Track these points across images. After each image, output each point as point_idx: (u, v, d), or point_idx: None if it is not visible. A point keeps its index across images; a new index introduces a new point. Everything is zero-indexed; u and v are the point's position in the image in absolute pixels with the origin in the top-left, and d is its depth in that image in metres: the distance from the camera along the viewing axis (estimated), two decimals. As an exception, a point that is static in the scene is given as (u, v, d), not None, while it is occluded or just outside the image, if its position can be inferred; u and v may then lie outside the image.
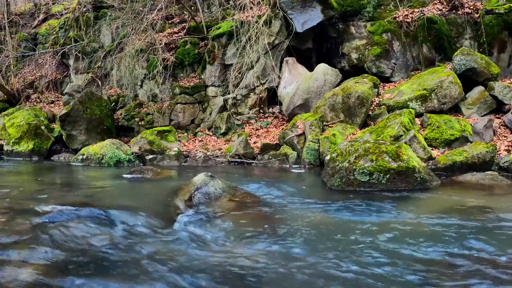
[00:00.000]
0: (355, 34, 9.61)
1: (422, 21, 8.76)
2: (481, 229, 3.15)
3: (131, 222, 3.24)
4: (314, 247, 2.81)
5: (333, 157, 5.18)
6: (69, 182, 5.89)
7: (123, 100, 10.88)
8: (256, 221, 3.47)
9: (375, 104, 8.10)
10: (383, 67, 9.16)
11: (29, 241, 2.68)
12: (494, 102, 7.39)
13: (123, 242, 2.83)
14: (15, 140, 9.65)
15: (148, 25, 10.46)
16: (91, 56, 12.08)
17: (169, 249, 2.77)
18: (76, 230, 2.95)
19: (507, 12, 8.28)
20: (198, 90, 10.15)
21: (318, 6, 9.22)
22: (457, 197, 4.30)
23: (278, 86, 9.42)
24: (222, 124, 9.46)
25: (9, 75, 12.92)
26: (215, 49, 10.00)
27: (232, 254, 2.70)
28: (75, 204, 3.54)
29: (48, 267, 2.34)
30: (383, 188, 4.61)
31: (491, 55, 8.38)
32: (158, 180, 5.68)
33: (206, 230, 3.20)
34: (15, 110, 11.14)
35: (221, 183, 4.33)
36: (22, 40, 14.30)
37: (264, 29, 9.26)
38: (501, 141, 6.55)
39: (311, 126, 7.49)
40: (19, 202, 3.79)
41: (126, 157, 7.76)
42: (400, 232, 3.12)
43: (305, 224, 3.37)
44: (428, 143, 6.56)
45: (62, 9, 14.72)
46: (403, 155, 4.76)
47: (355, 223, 3.38)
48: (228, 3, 10.66)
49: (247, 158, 7.72)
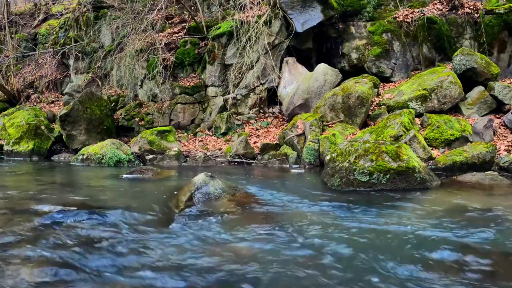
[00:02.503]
0: (355, 34, 9.62)
1: (422, 21, 8.76)
2: (481, 229, 3.16)
3: (131, 222, 3.25)
4: (314, 247, 2.81)
5: (333, 157, 5.18)
6: (69, 182, 5.89)
7: (123, 100, 10.88)
8: (256, 221, 3.48)
9: (375, 104, 8.10)
10: (383, 67, 9.17)
11: (29, 241, 2.69)
12: (494, 102, 7.40)
13: (123, 242, 2.83)
14: (15, 140, 9.65)
15: (148, 25, 10.47)
16: (91, 56, 12.09)
17: (169, 249, 2.77)
18: (76, 230, 2.96)
19: (507, 12, 8.28)
20: (198, 90, 10.15)
21: (318, 6, 9.23)
22: (457, 197, 4.30)
23: (278, 86, 9.42)
24: (222, 124, 9.46)
25: (9, 75, 12.91)
26: (215, 49, 10.01)
27: (232, 254, 2.70)
28: (75, 204, 3.55)
29: (49, 266, 2.35)
30: (383, 188, 4.61)
31: (491, 55, 8.39)
32: (158, 180, 5.68)
33: (205, 230, 3.20)
34: (15, 110, 11.13)
35: (221, 183, 4.33)
36: (22, 40, 14.30)
37: (264, 29, 9.26)
38: (501, 141, 6.55)
39: (311, 126, 7.49)
40: (19, 202, 3.80)
41: (126, 157, 7.76)
42: (400, 232, 3.12)
43: (305, 224, 3.37)
44: (428, 143, 6.56)
45: (62, 9, 14.72)
46: (403, 155, 4.76)
47: (355, 223, 3.38)
48: (228, 3, 10.66)
49: (247, 158, 7.71)
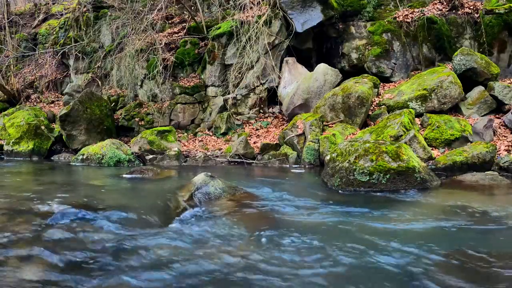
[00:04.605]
0: (355, 34, 9.61)
1: (422, 21, 8.76)
2: (481, 229, 3.16)
3: (130, 222, 3.25)
4: (314, 247, 2.81)
5: (333, 157, 5.18)
6: (69, 182, 5.89)
7: (123, 100, 10.88)
8: (255, 221, 3.48)
9: (375, 104, 8.10)
10: (383, 67, 9.17)
11: (29, 241, 2.69)
12: (494, 102, 7.40)
13: (123, 242, 2.83)
14: (15, 140, 9.65)
15: (148, 25, 10.46)
16: (91, 56, 12.08)
17: (168, 249, 2.77)
18: (76, 230, 2.96)
19: (507, 12, 8.28)
20: (198, 90, 10.15)
21: (318, 6, 9.23)
22: (457, 197, 4.30)
23: (278, 86, 9.42)
24: (222, 124, 9.46)
25: (9, 75, 12.91)
26: (215, 49, 10.01)
27: (231, 254, 2.70)
28: (75, 204, 3.55)
29: (49, 266, 2.35)
30: (383, 188, 4.61)
31: (491, 55, 8.39)
32: (158, 180, 5.68)
33: (205, 230, 3.20)
34: (15, 110, 11.13)
35: (221, 183, 4.33)
36: (22, 40, 14.30)
37: (264, 29, 9.26)
38: (501, 141, 6.55)
39: (311, 126, 7.49)
40: (19, 202, 3.79)
41: (126, 157, 7.76)
42: (400, 232, 3.12)
43: (305, 224, 3.37)
44: (428, 143, 6.56)
45: (62, 9, 14.72)
46: (403, 155, 4.76)
47: (354, 222, 3.38)
48: (228, 3, 10.66)
49: (247, 158, 7.71)
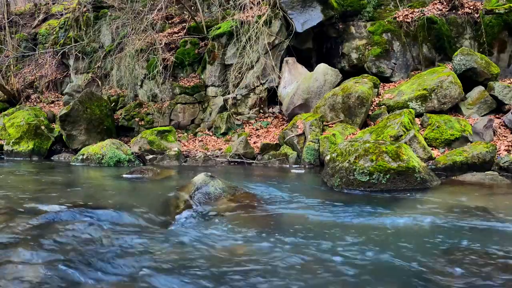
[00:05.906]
0: (355, 34, 9.62)
1: (422, 21, 8.76)
2: (481, 229, 3.16)
3: (130, 222, 3.25)
4: (314, 247, 2.81)
5: (333, 157, 5.18)
6: (69, 182, 5.89)
7: (123, 100, 10.88)
8: (255, 221, 3.47)
9: (375, 104, 8.10)
10: (383, 67, 9.17)
11: (29, 241, 2.69)
12: (494, 102, 7.40)
13: (122, 242, 2.83)
14: (15, 140, 9.65)
15: (148, 25, 10.47)
16: (91, 56, 12.09)
17: (168, 249, 2.77)
18: (76, 230, 2.95)
19: (507, 12, 8.28)
20: (198, 90, 10.15)
21: (318, 6, 9.23)
22: (457, 197, 4.30)
23: (278, 86, 9.42)
24: (222, 124, 9.46)
25: (9, 75, 12.92)
26: (215, 49, 10.01)
27: (231, 254, 2.69)
28: (75, 204, 3.55)
29: (49, 266, 2.35)
30: (383, 188, 4.61)
31: (491, 55, 8.39)
32: (158, 180, 5.68)
33: (205, 230, 3.20)
34: (15, 110, 11.14)
35: (221, 183, 4.32)
36: (22, 40, 14.30)
37: (264, 29, 9.26)
38: (501, 141, 6.55)
39: (311, 126, 7.49)
40: (19, 202, 3.79)
41: (126, 157, 7.76)
42: (400, 232, 3.12)
43: (305, 224, 3.37)
44: (428, 143, 6.56)
45: (62, 9, 14.72)
46: (403, 155, 4.76)
47: (355, 222, 3.38)
48: (228, 3, 10.67)
49: (247, 158, 7.71)
